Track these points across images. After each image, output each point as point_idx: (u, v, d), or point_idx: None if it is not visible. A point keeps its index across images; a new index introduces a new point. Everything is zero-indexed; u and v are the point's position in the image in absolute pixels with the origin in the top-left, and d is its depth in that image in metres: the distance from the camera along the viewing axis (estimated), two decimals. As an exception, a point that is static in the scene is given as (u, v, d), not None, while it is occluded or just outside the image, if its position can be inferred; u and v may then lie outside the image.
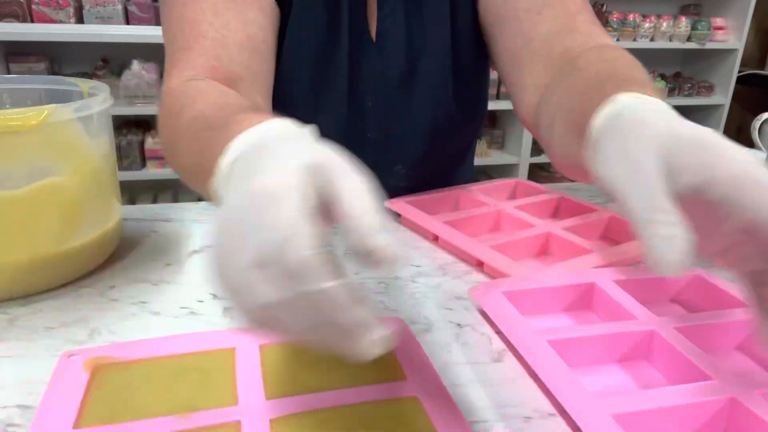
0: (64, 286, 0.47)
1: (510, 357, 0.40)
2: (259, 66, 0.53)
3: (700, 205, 0.28)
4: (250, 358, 0.36)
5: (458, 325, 0.43)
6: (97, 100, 0.47)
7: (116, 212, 0.52)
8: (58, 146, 0.45)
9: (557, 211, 0.66)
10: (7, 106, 0.56)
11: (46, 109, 0.42)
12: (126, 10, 1.95)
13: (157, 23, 1.91)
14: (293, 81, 0.60)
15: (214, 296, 0.46)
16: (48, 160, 0.44)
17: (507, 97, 2.54)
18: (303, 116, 0.33)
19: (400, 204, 0.62)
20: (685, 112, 2.64)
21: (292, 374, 0.35)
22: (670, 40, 2.59)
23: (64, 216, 0.46)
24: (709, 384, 0.33)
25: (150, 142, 2.03)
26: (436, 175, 0.73)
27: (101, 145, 0.48)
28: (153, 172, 2.05)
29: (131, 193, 2.24)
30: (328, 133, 0.31)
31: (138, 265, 0.51)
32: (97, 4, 1.92)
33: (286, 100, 0.59)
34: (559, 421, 0.34)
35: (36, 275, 0.45)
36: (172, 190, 2.28)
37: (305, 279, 0.23)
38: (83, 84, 0.54)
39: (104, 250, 0.50)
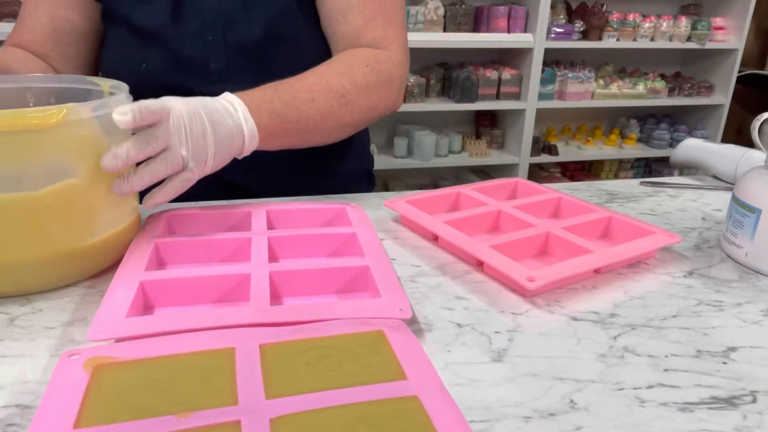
0: (64, 286, 0.47)
1: (510, 357, 0.40)
2: (63, 50, 0.72)
3: None
4: (250, 358, 0.36)
5: (458, 325, 0.43)
6: (116, 99, 0.47)
7: (134, 210, 0.53)
8: (77, 145, 0.45)
9: (557, 211, 0.66)
10: (31, 104, 0.56)
11: (65, 108, 0.42)
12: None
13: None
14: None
15: (214, 296, 0.46)
16: (67, 158, 0.44)
17: (507, 97, 2.54)
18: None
19: (400, 204, 0.62)
20: (685, 112, 2.64)
21: (292, 374, 0.35)
22: (670, 40, 2.59)
23: (82, 215, 0.46)
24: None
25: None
26: None
27: (119, 143, 0.48)
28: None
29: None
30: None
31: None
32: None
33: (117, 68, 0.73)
34: (559, 420, 0.34)
35: (55, 272, 0.46)
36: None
37: None
38: (103, 83, 0.55)
39: (123, 247, 0.50)
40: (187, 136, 0.50)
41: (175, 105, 0.50)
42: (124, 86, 0.53)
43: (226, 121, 0.54)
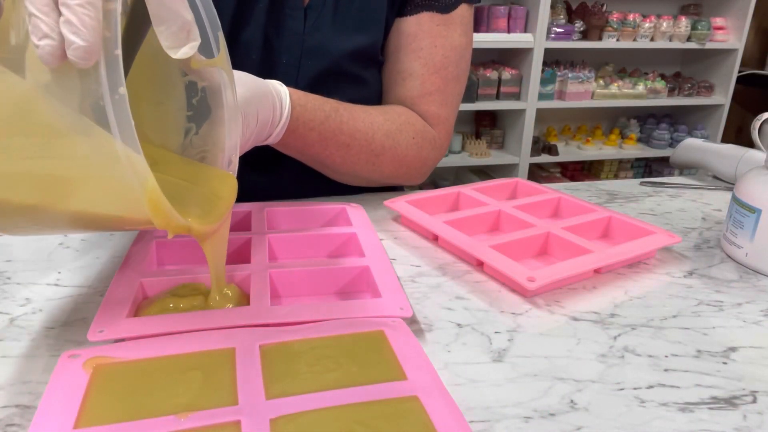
0: (64, 286, 0.47)
1: (510, 357, 0.40)
2: None
3: None
4: (250, 358, 0.36)
5: (458, 325, 0.43)
6: None
7: None
8: None
9: (557, 211, 0.66)
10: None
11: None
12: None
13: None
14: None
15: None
16: None
17: (507, 97, 2.55)
18: None
19: (400, 204, 0.62)
20: (685, 112, 2.65)
21: (292, 374, 0.35)
22: (670, 40, 2.59)
23: None
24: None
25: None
26: None
27: None
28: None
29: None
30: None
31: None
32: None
33: None
34: (559, 420, 0.34)
35: None
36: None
37: None
38: None
39: None
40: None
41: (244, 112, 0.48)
42: (232, 80, 0.45)
43: (265, 131, 0.54)
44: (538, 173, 2.84)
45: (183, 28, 0.30)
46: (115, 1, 0.29)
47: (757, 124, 0.67)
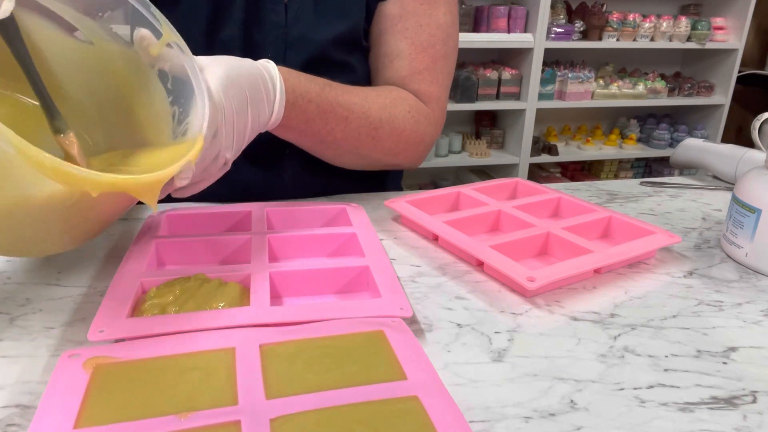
0: (64, 286, 0.47)
1: (510, 357, 0.40)
2: None
3: None
4: (250, 358, 0.36)
5: (458, 325, 0.43)
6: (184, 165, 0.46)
7: None
8: None
9: (557, 211, 0.66)
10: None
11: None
12: (126, 10, 1.95)
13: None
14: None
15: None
16: None
17: (507, 97, 2.54)
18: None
19: (400, 204, 0.62)
20: (685, 112, 2.64)
21: (292, 374, 0.35)
22: (670, 40, 2.59)
23: None
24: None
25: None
26: None
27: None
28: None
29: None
30: None
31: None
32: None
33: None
34: (559, 420, 0.34)
35: None
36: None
37: None
38: (167, 32, 0.49)
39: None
40: (233, 137, 0.49)
41: (225, 106, 0.48)
42: (185, 48, 0.46)
43: (264, 108, 0.53)
44: (538, 173, 2.84)
45: None
46: None
47: (757, 124, 0.67)
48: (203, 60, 0.49)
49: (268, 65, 0.55)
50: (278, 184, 0.72)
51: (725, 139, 2.83)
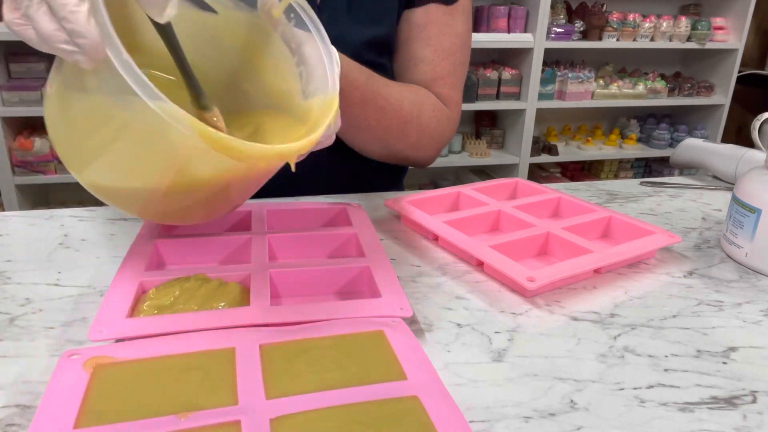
0: (64, 286, 0.47)
1: (510, 357, 0.40)
2: None
3: None
4: (250, 358, 0.36)
5: (458, 325, 0.43)
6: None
7: None
8: None
9: (557, 211, 0.66)
10: None
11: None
12: (126, 10, 1.95)
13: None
14: None
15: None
16: None
17: (507, 97, 2.54)
18: None
19: (400, 204, 0.62)
20: (685, 112, 2.64)
21: (292, 374, 0.35)
22: (670, 40, 2.59)
23: None
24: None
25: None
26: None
27: None
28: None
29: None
30: None
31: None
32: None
33: None
34: (559, 420, 0.34)
35: None
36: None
37: None
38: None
39: None
40: None
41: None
42: (308, 7, 0.48)
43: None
44: (538, 173, 2.84)
45: None
46: None
47: (757, 124, 0.67)
48: None
49: (330, 48, 0.56)
50: (313, 169, 0.73)
51: (725, 139, 2.83)
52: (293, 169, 0.41)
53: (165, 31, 0.39)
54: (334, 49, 0.47)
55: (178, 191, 0.41)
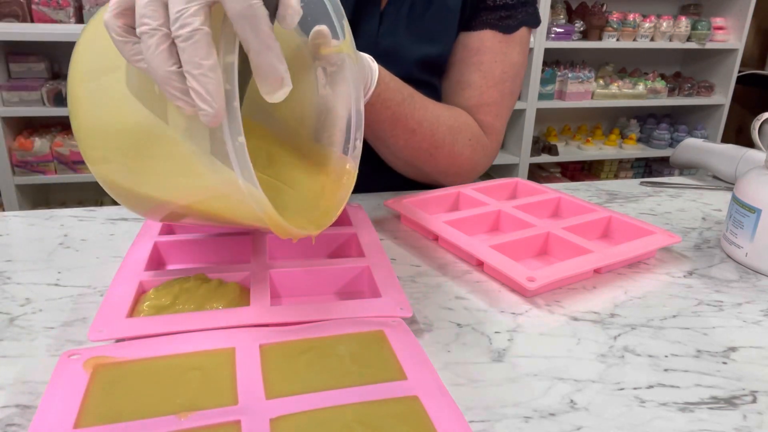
0: (64, 286, 0.47)
1: (510, 357, 0.40)
2: None
3: None
4: (250, 358, 0.36)
5: (458, 325, 0.43)
6: None
7: None
8: None
9: (557, 211, 0.66)
10: None
11: None
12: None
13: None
14: None
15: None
16: None
17: (507, 97, 2.48)
18: None
19: (400, 204, 0.62)
20: (685, 112, 2.64)
21: (292, 374, 0.35)
22: (670, 40, 2.59)
23: None
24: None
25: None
26: None
27: None
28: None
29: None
30: None
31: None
32: (97, 4, 1.92)
33: None
34: (559, 420, 0.34)
35: None
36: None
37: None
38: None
39: None
40: None
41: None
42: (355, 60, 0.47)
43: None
44: (538, 173, 2.84)
45: (277, 79, 0.33)
46: (232, 53, 0.32)
47: (757, 124, 0.67)
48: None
49: (371, 64, 0.57)
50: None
51: (725, 139, 2.83)
52: (313, 241, 0.43)
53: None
54: (362, 110, 0.46)
55: (193, 211, 0.41)
